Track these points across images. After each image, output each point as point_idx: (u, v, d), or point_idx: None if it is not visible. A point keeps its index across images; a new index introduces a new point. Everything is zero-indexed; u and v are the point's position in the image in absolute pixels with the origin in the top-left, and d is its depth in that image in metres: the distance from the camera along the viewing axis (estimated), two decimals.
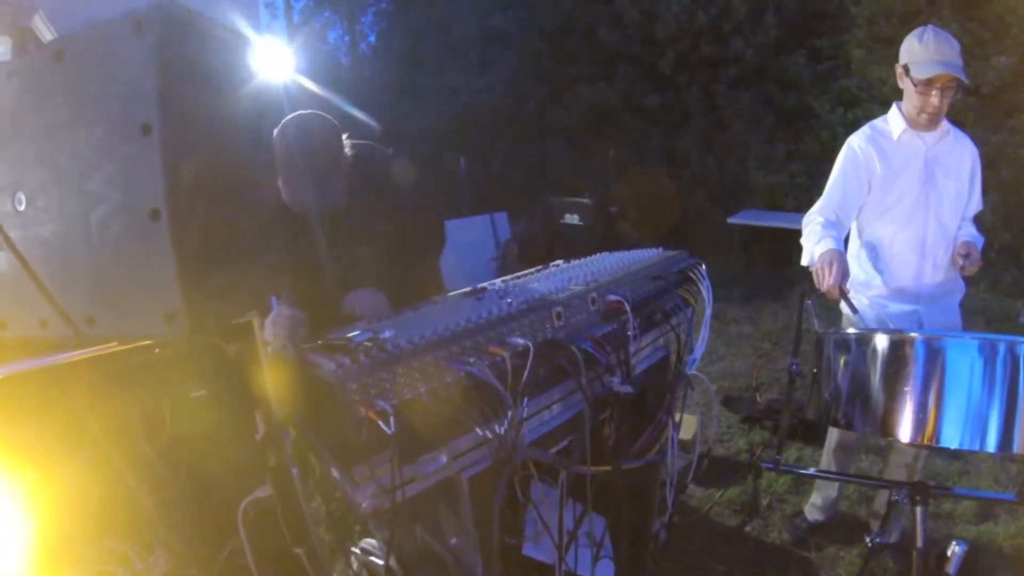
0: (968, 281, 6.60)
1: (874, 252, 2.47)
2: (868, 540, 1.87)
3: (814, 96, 7.80)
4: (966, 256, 2.31)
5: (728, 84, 8.32)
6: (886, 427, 1.54)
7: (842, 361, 1.62)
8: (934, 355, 1.47)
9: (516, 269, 1.99)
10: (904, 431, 1.51)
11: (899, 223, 2.41)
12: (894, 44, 7.06)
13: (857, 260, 2.56)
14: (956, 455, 3.56)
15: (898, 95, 2.45)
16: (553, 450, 1.48)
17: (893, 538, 2.21)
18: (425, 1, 10.26)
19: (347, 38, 13.35)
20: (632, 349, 1.52)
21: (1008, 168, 6.96)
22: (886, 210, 2.41)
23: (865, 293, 2.53)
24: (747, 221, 7.02)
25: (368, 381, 1.13)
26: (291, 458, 1.15)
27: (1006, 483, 3.50)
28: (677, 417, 1.82)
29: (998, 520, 3.21)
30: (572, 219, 6.63)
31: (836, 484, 2.96)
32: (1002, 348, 1.45)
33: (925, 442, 1.51)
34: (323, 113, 1.99)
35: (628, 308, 1.52)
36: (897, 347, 1.52)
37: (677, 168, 8.43)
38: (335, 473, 1.13)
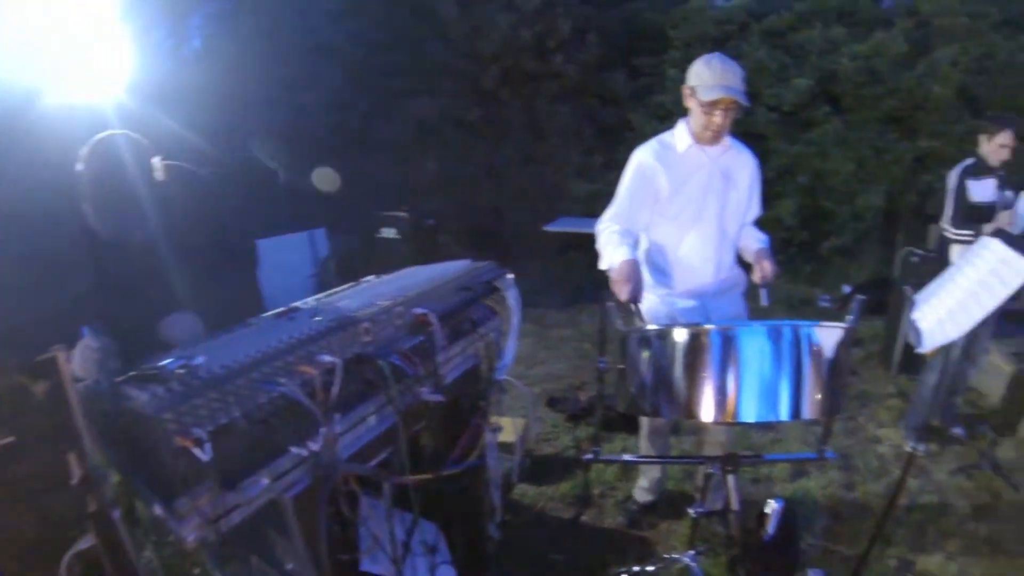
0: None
1: (663, 255, 2.71)
2: (691, 511, 2.09)
3: (631, 109, 8.46)
4: (763, 275, 2.60)
5: (549, 99, 8.75)
6: (689, 411, 1.69)
7: (644, 355, 1.76)
8: (727, 343, 1.65)
9: (335, 285, 2.06)
10: (706, 412, 1.67)
11: (685, 228, 2.67)
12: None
13: (648, 262, 2.80)
14: (769, 426, 4.09)
15: None
16: (372, 463, 1.53)
17: (717, 506, 2.49)
18: (254, 7, 9.91)
19: (170, 41, 12.54)
20: (441, 359, 1.62)
21: (805, 175, 8.01)
22: (673, 217, 2.66)
23: (656, 292, 2.78)
24: (563, 228, 7.37)
25: (183, 409, 1.14)
26: (112, 501, 1.10)
27: (813, 444, 4.05)
28: (495, 421, 1.99)
29: (810, 476, 3.76)
30: (389, 233, 6.68)
31: (659, 466, 3.26)
32: (787, 331, 1.67)
33: (726, 420, 1.69)
34: (132, 134, 1.96)
35: (434, 320, 1.61)
36: (694, 339, 1.67)
37: (497, 180, 8.76)
38: (157, 509, 1.11)
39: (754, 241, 2.82)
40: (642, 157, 2.69)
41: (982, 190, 4.00)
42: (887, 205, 8.12)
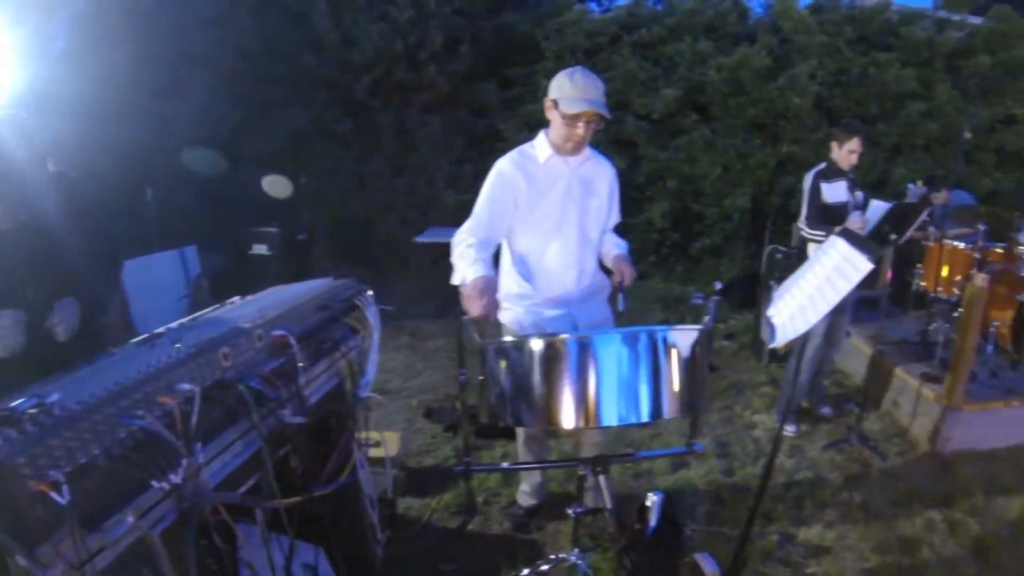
0: (647, 273, 7.82)
1: (526, 265, 2.80)
2: (569, 512, 2.15)
3: (502, 119, 8.62)
4: (620, 281, 2.73)
5: (420, 109, 8.78)
6: (550, 418, 1.75)
7: (502, 367, 1.80)
8: (583, 350, 1.71)
9: (208, 305, 2.04)
10: (567, 419, 1.72)
11: (547, 237, 2.76)
12: None
13: (511, 274, 2.87)
14: (646, 423, 4.31)
15: None
16: (241, 489, 1.52)
17: (598, 504, 2.58)
18: (122, 9, 9.35)
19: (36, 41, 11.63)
20: (303, 381, 1.63)
21: (675, 180, 8.44)
22: (534, 226, 2.75)
23: (520, 303, 2.86)
24: (434, 239, 7.37)
25: (37, 452, 1.09)
26: None
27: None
28: (369, 436, 2.03)
29: (691, 466, 4.00)
30: (260, 249, 6.58)
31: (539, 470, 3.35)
32: (643, 336, 1.75)
33: (588, 425, 1.75)
34: (17, 113, 1.93)
35: (293, 341, 1.63)
36: (550, 348, 1.73)
37: (368, 191, 8.76)
38: (20, 560, 1.04)
39: (613, 247, 2.97)
40: (502, 167, 2.76)
41: (834, 192, 4.36)
42: (753, 206, 8.68)
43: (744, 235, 8.89)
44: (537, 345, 1.74)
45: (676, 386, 1.77)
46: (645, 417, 1.75)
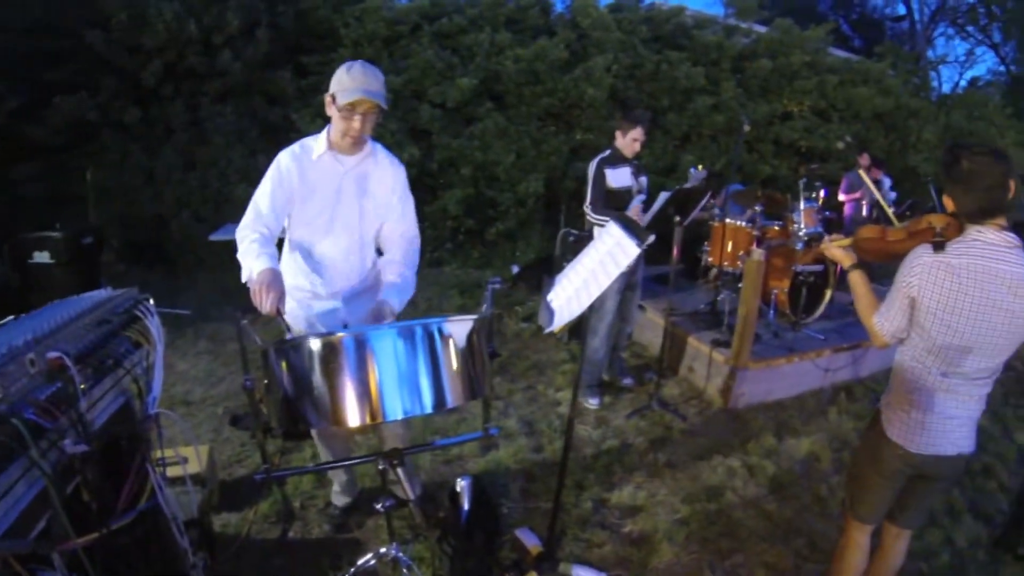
0: (444, 260, 7.92)
1: (301, 257, 2.78)
2: (377, 506, 2.14)
3: (296, 109, 8.31)
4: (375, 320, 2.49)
5: (213, 97, 8.30)
6: (336, 417, 1.73)
7: (285, 368, 1.76)
8: (361, 347, 1.71)
9: None
10: (352, 417, 1.72)
11: (320, 234, 2.73)
12: (376, 63, 8.05)
13: (287, 263, 2.83)
14: (454, 410, 4.38)
15: (389, 114, 2.71)
16: (32, 534, 1.40)
17: (405, 495, 2.58)
18: None
19: None
20: (84, 405, 1.52)
21: (467, 167, 8.54)
22: (309, 222, 2.72)
23: (295, 295, 2.82)
24: (228, 236, 7.07)
25: None
26: None
27: (494, 419, 4.49)
28: (163, 455, 1.92)
29: (500, 447, 4.13)
30: (43, 257, 5.86)
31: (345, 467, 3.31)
32: (418, 329, 1.76)
33: (373, 421, 1.74)
34: None
35: (69, 363, 1.50)
36: (328, 347, 1.71)
37: (158, 187, 8.15)
38: None
39: (387, 288, 2.69)
40: (281, 159, 2.69)
41: (619, 177, 4.60)
42: (547, 191, 8.99)
43: (539, 219, 9.19)
44: (315, 344, 1.72)
45: (457, 375, 1.81)
46: (429, 408, 1.78)
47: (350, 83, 2.51)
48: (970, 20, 25.45)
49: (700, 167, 4.89)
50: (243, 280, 2.43)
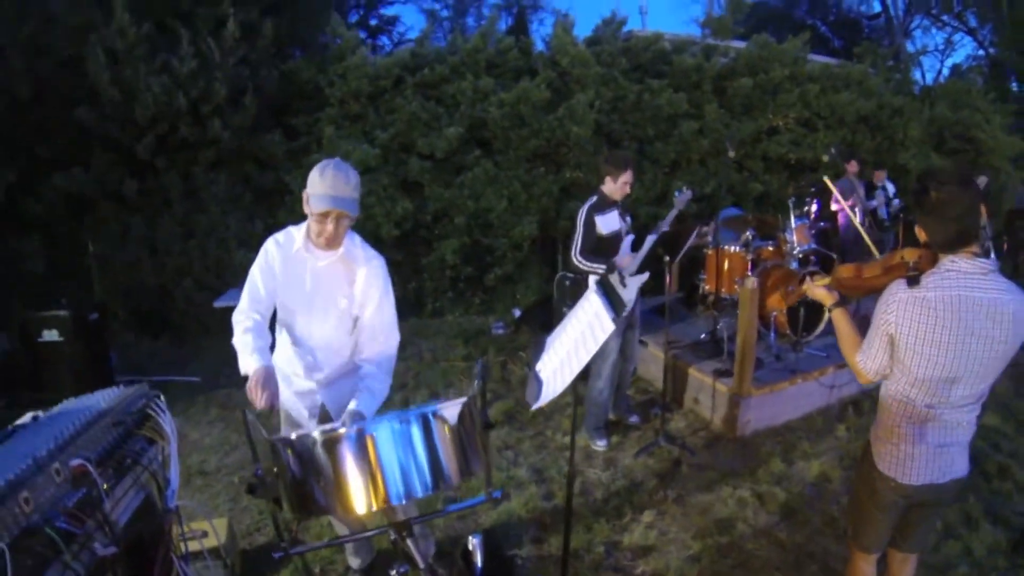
0: (446, 309, 7.99)
1: (287, 342, 2.92)
2: (392, 572, 2.11)
3: (287, 171, 8.51)
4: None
5: (206, 166, 8.48)
6: (344, 506, 1.83)
7: (292, 460, 1.86)
8: (361, 439, 1.81)
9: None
10: (359, 505, 1.81)
11: (299, 322, 2.86)
12: (362, 120, 8.17)
13: (279, 340, 2.98)
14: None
15: (364, 166, 2.81)
16: None
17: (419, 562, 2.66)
18: None
19: None
20: (108, 505, 1.63)
21: (460, 216, 8.70)
22: (289, 309, 2.84)
23: (282, 370, 2.95)
24: (232, 302, 7.15)
25: None
26: None
27: (504, 470, 4.61)
28: (188, 529, 2.02)
29: (511, 497, 4.21)
30: (51, 335, 6.02)
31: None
32: (413, 419, 1.87)
33: (379, 507, 1.82)
34: None
35: (92, 469, 1.60)
36: (329, 442, 1.81)
37: (160, 257, 8.32)
38: None
39: (359, 397, 2.68)
40: (268, 245, 2.82)
41: (608, 222, 4.70)
42: (542, 232, 9.12)
43: (536, 260, 9.32)
44: (317, 439, 1.83)
45: (453, 455, 1.93)
46: (430, 490, 1.89)
47: (321, 189, 2.57)
48: (944, 9, 25.81)
49: (684, 189, 4.97)
50: (243, 373, 2.55)
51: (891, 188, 9.15)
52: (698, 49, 10.95)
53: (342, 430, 1.83)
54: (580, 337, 2.31)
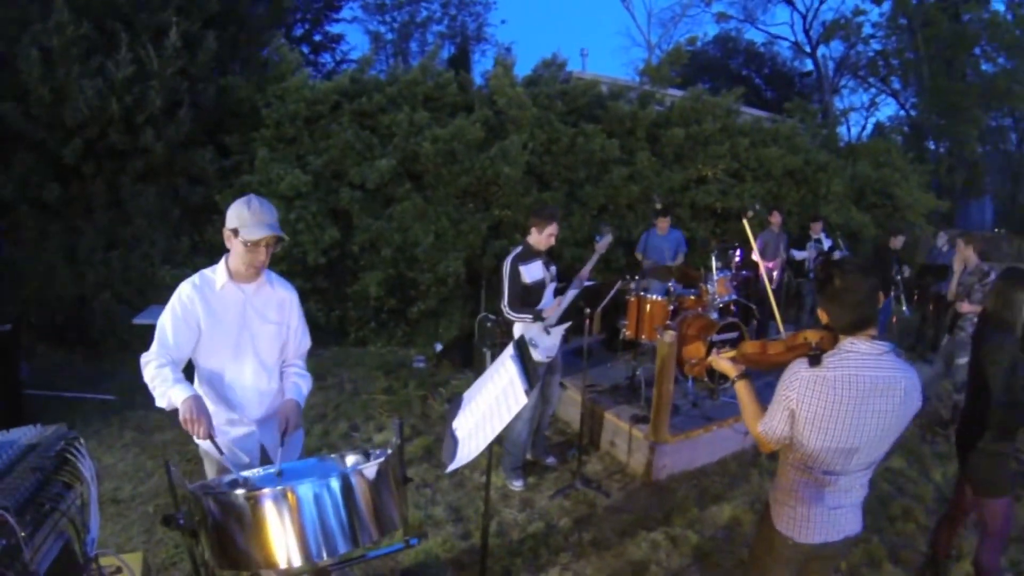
0: (368, 339, 7.97)
1: (212, 386, 2.91)
2: None
3: (218, 190, 8.40)
4: (284, 430, 2.78)
5: (135, 176, 8.33)
6: (266, 562, 1.92)
7: (217, 514, 1.93)
8: (283, 498, 1.91)
9: None
10: (282, 561, 1.91)
11: (229, 361, 2.89)
12: (296, 144, 8.12)
13: (199, 392, 2.92)
14: None
15: (295, 191, 2.82)
16: None
17: None
18: None
19: None
20: (28, 556, 1.61)
21: (387, 248, 8.75)
22: (214, 351, 2.87)
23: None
24: (153, 320, 6.98)
25: None
26: None
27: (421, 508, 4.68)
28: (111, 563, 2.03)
29: (429, 537, 4.29)
30: None
31: None
32: (334, 479, 1.98)
33: (304, 565, 1.93)
34: None
35: (11, 519, 1.58)
36: (252, 500, 1.90)
37: (79, 266, 8.11)
38: None
39: (290, 388, 3.01)
40: (182, 291, 2.84)
41: (532, 272, 4.84)
42: (468, 268, 9.21)
43: (461, 296, 9.41)
44: (239, 499, 1.91)
45: (373, 511, 2.03)
46: (352, 545, 1.99)
47: (251, 219, 2.71)
48: (871, 72, 27.48)
49: (605, 231, 5.16)
50: (160, 406, 2.60)
51: (826, 242, 9.53)
52: (635, 95, 11.30)
53: (265, 490, 1.91)
54: (495, 403, 2.40)
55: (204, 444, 2.46)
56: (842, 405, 2.27)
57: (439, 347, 8.42)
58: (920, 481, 5.29)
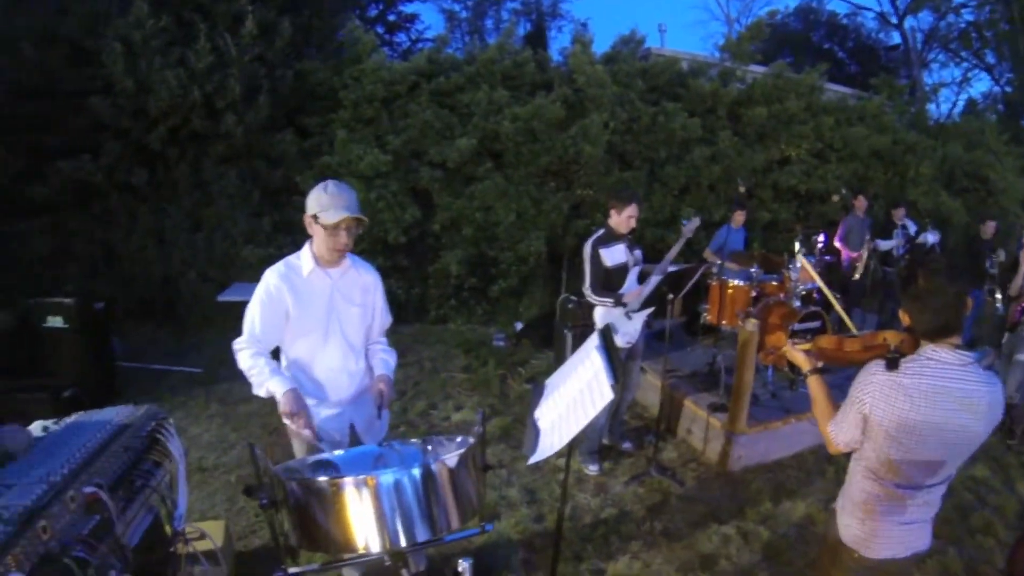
0: (448, 316, 8.04)
1: (300, 369, 2.99)
2: None
3: (298, 171, 8.59)
4: (379, 405, 2.91)
5: (217, 160, 8.61)
6: (347, 547, 1.95)
7: (302, 499, 1.96)
8: (363, 486, 1.92)
9: None
10: (364, 547, 1.93)
11: (316, 345, 2.96)
12: (374, 124, 8.21)
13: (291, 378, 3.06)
14: None
15: (374, 171, 2.88)
16: None
17: None
18: None
19: None
20: (120, 529, 1.70)
21: (469, 227, 8.81)
22: (304, 335, 2.94)
23: None
24: (237, 297, 6.97)
25: None
26: None
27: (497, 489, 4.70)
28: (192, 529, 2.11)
29: (502, 518, 4.31)
30: (56, 322, 6.04)
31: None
32: (417, 468, 1.98)
33: (385, 549, 1.95)
34: None
35: (105, 496, 1.68)
36: (334, 487, 1.92)
37: (166, 248, 8.49)
38: None
39: (380, 363, 3.13)
40: (270, 279, 2.91)
41: (613, 255, 4.76)
42: (549, 248, 9.20)
43: (542, 275, 9.38)
44: (322, 485, 1.94)
45: (453, 501, 2.04)
46: (431, 534, 2.00)
47: (329, 203, 2.76)
48: (963, 45, 25.94)
49: (692, 216, 5.04)
50: (258, 394, 2.70)
51: (912, 226, 9.05)
52: (715, 72, 10.99)
53: (347, 478, 1.93)
54: (579, 396, 2.35)
55: (306, 433, 2.53)
56: (918, 414, 2.15)
57: (519, 326, 8.40)
58: (1003, 492, 5.02)
